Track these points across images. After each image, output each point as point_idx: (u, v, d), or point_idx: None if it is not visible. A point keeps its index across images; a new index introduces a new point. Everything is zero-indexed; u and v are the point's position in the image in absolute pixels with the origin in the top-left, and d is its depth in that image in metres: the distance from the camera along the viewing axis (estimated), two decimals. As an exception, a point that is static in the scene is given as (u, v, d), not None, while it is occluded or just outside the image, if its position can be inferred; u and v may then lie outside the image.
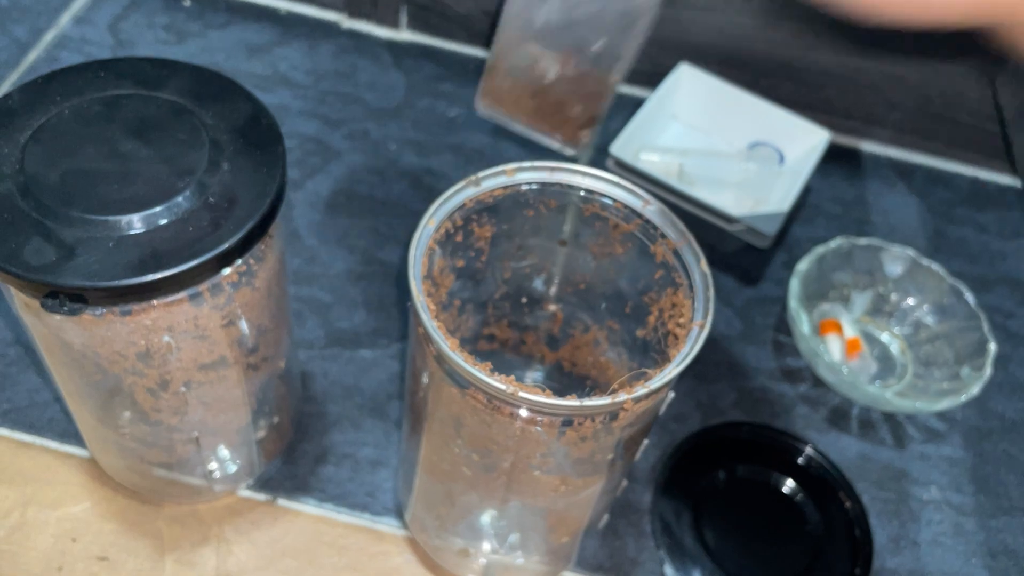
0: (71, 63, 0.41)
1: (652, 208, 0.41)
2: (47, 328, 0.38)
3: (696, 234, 0.40)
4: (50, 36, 0.72)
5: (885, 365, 0.61)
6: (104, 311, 0.35)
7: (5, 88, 0.69)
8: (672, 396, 0.41)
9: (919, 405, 0.55)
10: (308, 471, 0.52)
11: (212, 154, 0.38)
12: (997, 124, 0.72)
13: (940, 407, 0.55)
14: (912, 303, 0.62)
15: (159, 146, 0.38)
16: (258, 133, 0.39)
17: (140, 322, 0.37)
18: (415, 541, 0.50)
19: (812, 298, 0.61)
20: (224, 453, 0.48)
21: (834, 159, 0.72)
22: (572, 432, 0.35)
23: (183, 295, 0.36)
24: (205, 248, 0.35)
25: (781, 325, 0.63)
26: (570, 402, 0.33)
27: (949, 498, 0.56)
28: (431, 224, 0.39)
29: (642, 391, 0.34)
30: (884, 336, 0.63)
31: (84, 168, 0.36)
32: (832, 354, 0.59)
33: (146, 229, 0.35)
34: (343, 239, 0.63)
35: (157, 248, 0.35)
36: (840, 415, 0.59)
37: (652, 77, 0.70)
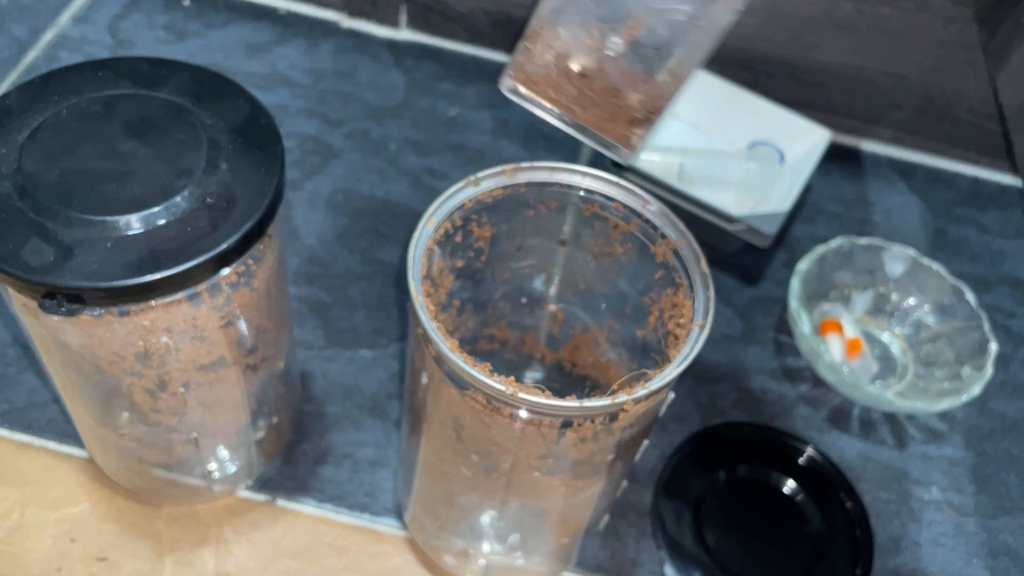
0: (70, 63, 0.41)
1: (652, 208, 0.41)
2: (45, 329, 0.38)
3: (696, 234, 0.40)
4: (49, 36, 0.72)
5: (886, 365, 0.61)
6: (102, 312, 0.35)
7: (4, 88, 0.68)
8: (672, 397, 0.41)
9: (920, 405, 0.55)
10: (307, 471, 0.52)
11: (211, 154, 0.38)
12: (998, 123, 0.72)
13: (941, 407, 0.55)
14: (913, 303, 0.62)
15: (158, 146, 0.37)
16: (257, 133, 0.39)
17: (138, 323, 0.36)
18: (415, 542, 0.50)
19: (813, 298, 0.61)
20: (223, 454, 0.48)
21: (835, 158, 0.72)
22: (572, 433, 0.35)
23: (181, 296, 0.36)
24: (203, 248, 0.35)
25: (782, 325, 0.62)
26: (570, 403, 0.33)
27: (950, 498, 0.56)
28: (430, 224, 0.39)
29: (642, 392, 0.34)
30: (885, 336, 0.62)
31: (82, 168, 0.36)
32: (833, 354, 0.59)
33: (144, 229, 0.35)
34: (343, 239, 0.63)
35: (155, 248, 0.35)
36: (841, 415, 0.58)
37: (652, 76, 0.70)
